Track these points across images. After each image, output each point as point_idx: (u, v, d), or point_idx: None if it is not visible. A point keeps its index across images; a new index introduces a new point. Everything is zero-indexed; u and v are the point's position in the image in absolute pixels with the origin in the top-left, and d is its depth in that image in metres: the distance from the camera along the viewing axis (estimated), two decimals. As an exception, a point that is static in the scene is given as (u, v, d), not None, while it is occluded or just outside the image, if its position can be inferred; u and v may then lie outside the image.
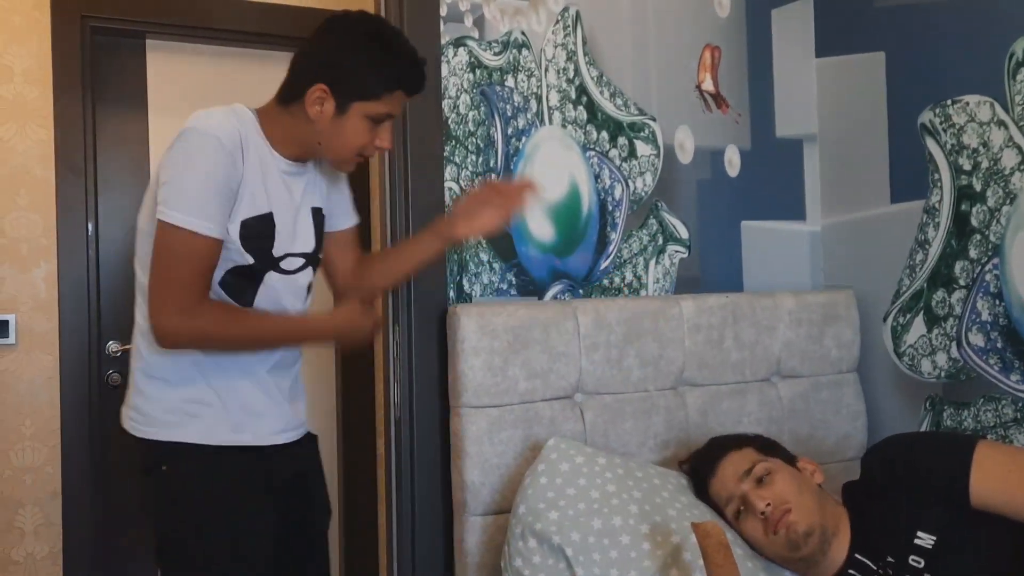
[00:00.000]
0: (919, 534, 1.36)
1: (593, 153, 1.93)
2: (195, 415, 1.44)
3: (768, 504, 1.42)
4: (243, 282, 1.44)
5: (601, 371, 1.76)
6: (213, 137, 1.35)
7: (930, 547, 1.34)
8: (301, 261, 1.52)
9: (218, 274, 1.42)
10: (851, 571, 1.41)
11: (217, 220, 1.36)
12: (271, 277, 1.47)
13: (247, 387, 1.47)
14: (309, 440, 1.63)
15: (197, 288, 1.37)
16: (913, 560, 1.35)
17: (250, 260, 1.43)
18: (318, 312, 1.57)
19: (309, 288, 1.56)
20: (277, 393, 1.52)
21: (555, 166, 1.88)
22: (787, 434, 1.90)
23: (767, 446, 1.56)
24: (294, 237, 1.49)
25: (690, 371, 1.86)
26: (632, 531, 1.45)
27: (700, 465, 1.58)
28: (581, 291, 1.90)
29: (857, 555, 1.42)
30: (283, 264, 1.48)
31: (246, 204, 1.40)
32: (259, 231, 1.43)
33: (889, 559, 1.38)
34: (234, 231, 1.40)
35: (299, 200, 1.51)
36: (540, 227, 1.86)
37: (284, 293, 1.49)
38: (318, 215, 1.56)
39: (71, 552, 2.46)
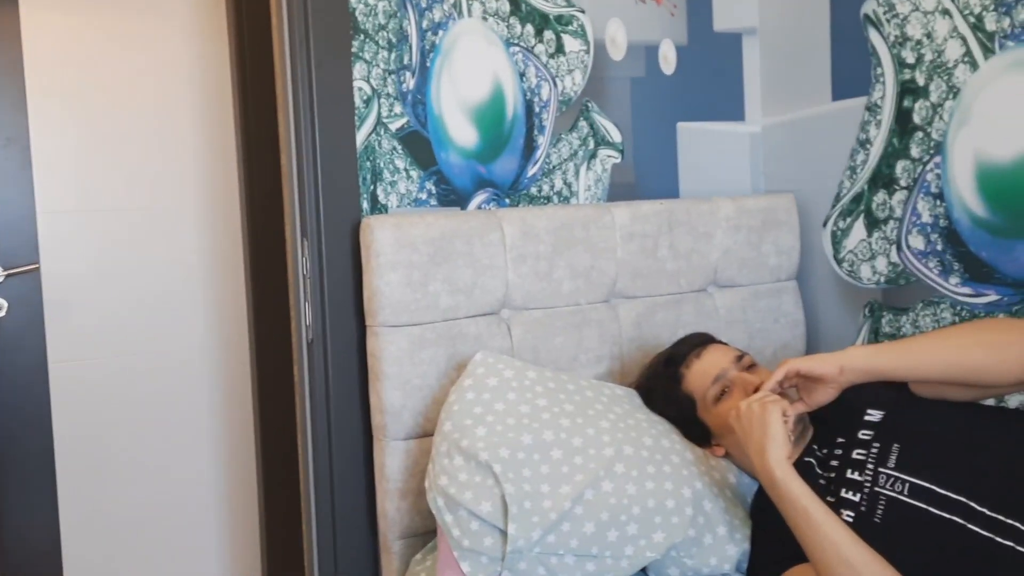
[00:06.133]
0: (869, 411, 1.39)
1: (517, 49, 1.77)
2: None
3: (763, 382, 1.41)
4: None
5: (529, 284, 1.65)
6: None
7: (878, 419, 1.37)
8: None
9: None
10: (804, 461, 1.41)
11: None
12: None
13: None
14: None
15: None
16: (863, 434, 1.36)
17: None
18: None
19: None
20: None
21: (476, 63, 1.73)
22: (724, 345, 1.83)
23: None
24: None
25: (623, 282, 1.76)
26: (564, 444, 1.37)
27: (678, 351, 1.55)
28: (508, 200, 1.78)
29: (813, 446, 1.43)
30: None
31: None
32: None
33: (839, 440, 1.39)
34: None
35: None
36: (461, 131, 1.72)
37: None
38: None
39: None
